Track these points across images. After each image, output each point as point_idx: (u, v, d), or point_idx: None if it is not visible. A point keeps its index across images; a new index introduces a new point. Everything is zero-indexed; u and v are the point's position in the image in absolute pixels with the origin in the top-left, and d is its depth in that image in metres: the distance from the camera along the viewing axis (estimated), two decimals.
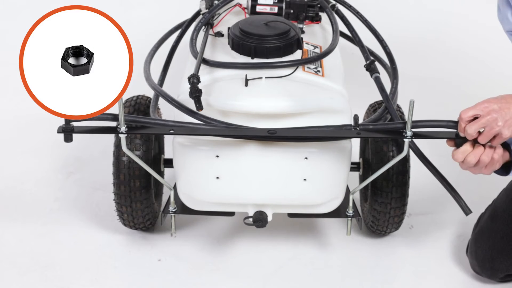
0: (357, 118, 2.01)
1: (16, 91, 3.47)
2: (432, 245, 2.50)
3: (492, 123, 1.88)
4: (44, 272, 2.35)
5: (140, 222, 2.42)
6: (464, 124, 1.92)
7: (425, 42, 3.85)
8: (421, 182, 2.51)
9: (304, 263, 2.41)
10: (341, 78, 2.27)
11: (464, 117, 1.91)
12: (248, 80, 2.11)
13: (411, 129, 1.99)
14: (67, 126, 1.99)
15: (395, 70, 2.43)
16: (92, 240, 2.50)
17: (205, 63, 2.21)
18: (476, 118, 1.90)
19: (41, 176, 2.85)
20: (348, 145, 2.16)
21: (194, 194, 2.22)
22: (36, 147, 3.04)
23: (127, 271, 2.38)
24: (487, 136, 1.90)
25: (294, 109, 2.07)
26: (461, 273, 2.36)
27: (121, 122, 1.99)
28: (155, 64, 2.45)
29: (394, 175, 2.28)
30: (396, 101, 2.31)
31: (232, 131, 2.03)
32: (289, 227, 2.54)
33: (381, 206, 2.33)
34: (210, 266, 2.39)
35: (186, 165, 2.16)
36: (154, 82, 2.27)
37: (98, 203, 2.68)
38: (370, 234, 2.52)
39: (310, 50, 2.33)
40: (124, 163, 2.29)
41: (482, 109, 1.90)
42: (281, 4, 2.50)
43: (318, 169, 2.14)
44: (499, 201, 2.27)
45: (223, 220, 2.55)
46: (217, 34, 2.42)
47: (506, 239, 2.20)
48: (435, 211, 2.66)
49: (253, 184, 2.15)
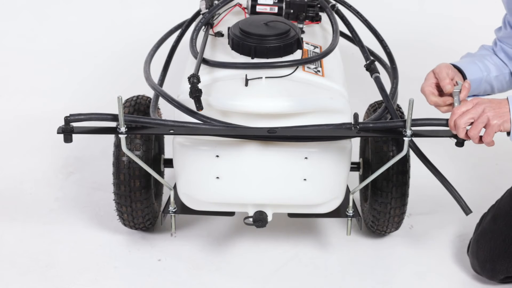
0: (357, 117, 2.01)
1: (16, 91, 3.49)
2: (432, 245, 2.50)
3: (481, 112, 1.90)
4: (44, 272, 2.35)
5: (140, 222, 2.42)
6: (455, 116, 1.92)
7: (425, 42, 3.85)
8: (421, 182, 2.51)
9: (304, 263, 2.41)
10: (341, 78, 2.27)
11: (457, 112, 1.92)
12: (248, 80, 2.11)
13: (411, 128, 1.99)
14: (66, 126, 1.99)
15: (395, 70, 2.43)
16: (92, 240, 2.50)
17: (205, 63, 2.21)
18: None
19: (41, 176, 2.85)
20: (348, 145, 2.16)
21: (194, 194, 2.22)
22: (36, 147, 3.04)
23: (127, 271, 2.38)
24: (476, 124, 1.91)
25: (294, 109, 2.07)
26: (461, 273, 2.36)
27: (121, 123, 1.99)
28: (155, 64, 2.45)
29: (394, 175, 2.28)
30: (396, 101, 2.31)
31: (232, 131, 2.03)
32: (289, 227, 2.54)
33: (381, 206, 2.33)
34: (210, 266, 2.39)
35: (186, 165, 2.16)
36: (154, 82, 2.27)
37: (98, 203, 2.68)
38: (370, 234, 2.52)
39: (310, 50, 2.33)
40: (124, 163, 2.29)
41: (472, 102, 1.93)
42: (281, 4, 2.50)
43: (318, 169, 2.14)
44: (503, 203, 2.27)
45: (223, 220, 2.55)
46: (217, 34, 2.42)
47: (508, 241, 2.20)
48: (435, 211, 2.66)
49: (253, 184, 2.15)
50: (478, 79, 2.19)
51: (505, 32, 2.24)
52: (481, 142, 1.95)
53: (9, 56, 3.74)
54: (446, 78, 2.08)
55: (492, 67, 2.22)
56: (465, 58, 2.27)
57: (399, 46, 3.07)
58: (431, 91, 2.10)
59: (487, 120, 1.91)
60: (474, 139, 1.93)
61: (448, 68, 2.12)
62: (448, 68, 2.12)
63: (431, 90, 2.10)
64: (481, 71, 2.19)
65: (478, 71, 2.19)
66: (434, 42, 3.86)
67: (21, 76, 3.60)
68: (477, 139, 1.93)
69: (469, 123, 1.92)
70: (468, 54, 2.30)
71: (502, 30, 2.26)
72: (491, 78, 2.21)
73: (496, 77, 2.22)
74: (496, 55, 2.26)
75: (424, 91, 2.11)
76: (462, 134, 1.93)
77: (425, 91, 2.11)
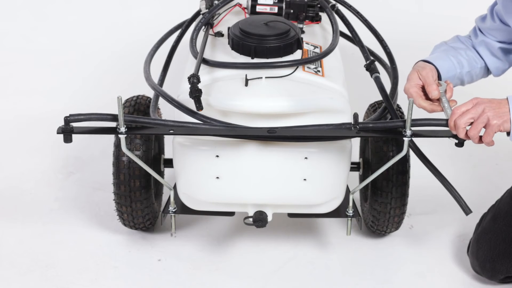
0: (357, 117, 2.01)
1: (16, 91, 3.49)
2: (432, 245, 2.50)
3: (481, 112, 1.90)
4: (44, 272, 2.35)
5: (140, 222, 2.42)
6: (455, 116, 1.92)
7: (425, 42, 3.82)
8: (421, 182, 2.51)
9: (304, 263, 2.41)
10: (341, 78, 2.27)
11: (457, 112, 1.92)
12: (248, 80, 2.11)
13: (411, 128, 1.99)
14: (66, 126, 1.98)
15: (395, 70, 2.43)
16: (92, 240, 2.50)
17: (205, 63, 2.21)
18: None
19: (41, 176, 2.85)
20: (348, 145, 2.16)
21: (194, 194, 2.22)
22: (36, 147, 3.04)
23: (127, 271, 2.38)
24: (476, 124, 1.91)
25: (294, 109, 2.06)
26: (461, 273, 2.36)
27: (121, 123, 1.99)
28: (155, 64, 2.45)
29: (394, 175, 2.28)
30: (396, 101, 2.31)
31: (232, 131, 2.03)
32: (289, 227, 2.54)
33: (381, 206, 2.33)
34: (210, 266, 2.39)
35: (186, 165, 2.16)
36: (154, 82, 2.27)
37: (98, 203, 2.68)
38: (370, 234, 2.52)
39: (310, 50, 2.33)
40: (124, 163, 2.29)
41: (472, 102, 1.93)
42: (281, 4, 2.50)
43: (318, 169, 2.14)
44: (503, 203, 2.27)
45: (223, 220, 2.55)
46: (217, 34, 2.42)
47: (508, 241, 2.20)
48: (435, 211, 2.66)
49: (253, 184, 2.15)
50: (452, 76, 2.19)
51: (492, 24, 2.21)
52: (481, 142, 1.95)
53: (9, 56, 3.75)
54: (433, 84, 2.07)
55: (465, 63, 2.21)
56: (439, 51, 2.25)
57: (399, 46, 3.07)
58: (419, 93, 2.09)
59: (487, 120, 1.90)
60: (474, 139, 1.93)
61: (433, 71, 2.12)
62: (433, 71, 2.11)
63: (418, 93, 2.09)
64: (455, 68, 2.20)
65: (452, 68, 2.19)
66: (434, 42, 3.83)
67: (21, 76, 3.60)
68: (477, 139, 1.93)
69: (469, 123, 1.92)
70: (442, 44, 2.29)
71: (488, 21, 2.22)
72: (462, 74, 2.21)
73: (467, 73, 2.22)
74: (472, 49, 2.25)
75: (410, 92, 2.10)
76: (462, 134, 1.93)
77: (412, 92, 2.09)
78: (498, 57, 2.23)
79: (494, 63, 2.24)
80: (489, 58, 2.23)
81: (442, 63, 2.17)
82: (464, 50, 2.24)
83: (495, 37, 2.22)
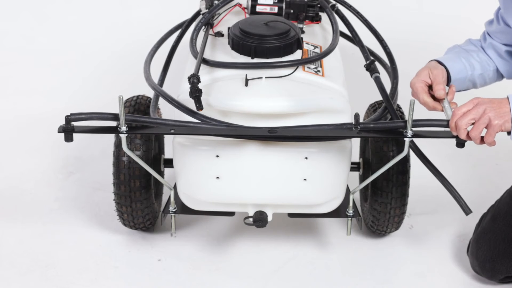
0: (358, 117, 2.01)
1: (16, 91, 3.49)
2: (432, 245, 2.50)
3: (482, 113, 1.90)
4: (44, 272, 2.35)
5: (140, 222, 2.42)
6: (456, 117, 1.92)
7: (425, 42, 3.84)
8: (421, 182, 2.51)
9: (304, 263, 2.41)
10: (341, 78, 2.27)
11: (458, 113, 1.92)
12: (248, 80, 2.11)
13: (412, 128, 1.99)
14: (67, 125, 1.99)
15: (395, 70, 2.43)
16: (92, 240, 2.50)
17: (205, 63, 2.21)
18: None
19: (41, 176, 2.85)
20: (348, 145, 2.16)
21: (194, 194, 2.22)
22: (36, 147, 3.04)
23: (127, 271, 2.38)
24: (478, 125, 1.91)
25: (294, 109, 2.07)
26: (461, 273, 2.36)
27: (122, 122, 1.99)
28: (155, 64, 2.45)
29: (394, 175, 2.28)
30: (396, 101, 2.31)
31: (232, 131, 2.03)
32: (289, 227, 2.54)
33: (381, 206, 2.33)
34: (210, 266, 2.39)
35: (186, 165, 2.16)
36: (154, 82, 2.27)
37: (98, 203, 2.68)
38: (370, 234, 2.52)
39: (310, 50, 2.33)
40: (124, 163, 2.29)
41: (472, 102, 1.93)
42: (281, 4, 2.50)
43: (318, 169, 2.14)
44: (502, 203, 2.27)
45: (223, 220, 2.55)
46: (217, 34, 2.42)
47: (508, 241, 2.20)
48: (435, 211, 2.66)
49: (253, 184, 2.15)
50: (463, 78, 2.20)
51: (497, 27, 2.22)
52: (482, 142, 1.95)
53: (9, 56, 3.74)
54: (441, 84, 2.08)
55: (477, 65, 2.21)
56: (451, 53, 2.26)
57: (399, 46, 3.07)
58: (424, 89, 2.10)
59: (489, 120, 1.90)
60: (476, 140, 1.93)
61: (443, 72, 2.12)
62: (443, 73, 2.12)
63: (424, 88, 2.10)
64: (466, 70, 2.20)
65: (463, 70, 2.19)
66: (434, 42, 3.85)
67: (21, 76, 3.60)
68: (479, 140, 1.93)
69: (470, 124, 1.92)
70: (455, 46, 2.29)
71: (494, 24, 2.24)
72: (474, 77, 2.22)
73: (480, 75, 2.22)
74: (483, 51, 2.25)
75: (416, 87, 2.11)
76: (463, 135, 1.93)
77: (417, 87, 2.10)
78: (507, 60, 2.23)
79: (504, 66, 2.24)
80: (498, 60, 2.24)
81: (453, 64, 2.17)
82: (476, 53, 2.24)
83: (501, 40, 2.23)
